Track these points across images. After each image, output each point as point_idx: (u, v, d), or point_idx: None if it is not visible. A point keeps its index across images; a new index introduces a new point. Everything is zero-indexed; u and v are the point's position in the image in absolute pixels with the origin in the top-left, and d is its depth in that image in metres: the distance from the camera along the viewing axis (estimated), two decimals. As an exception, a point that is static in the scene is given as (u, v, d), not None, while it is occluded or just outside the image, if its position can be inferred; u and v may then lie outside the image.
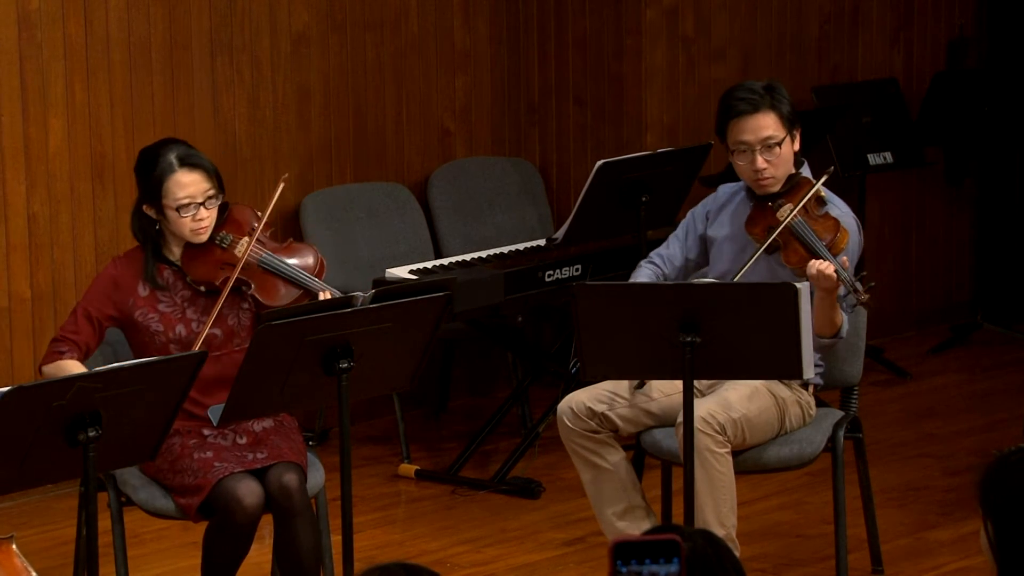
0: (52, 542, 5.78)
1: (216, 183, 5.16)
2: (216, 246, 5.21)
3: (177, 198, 5.12)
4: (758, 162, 5.41)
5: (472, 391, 7.57)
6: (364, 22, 7.36)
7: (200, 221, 5.14)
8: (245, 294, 5.20)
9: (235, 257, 5.18)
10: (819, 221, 5.35)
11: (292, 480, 5.07)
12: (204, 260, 5.20)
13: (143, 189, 5.18)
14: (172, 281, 5.21)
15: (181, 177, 5.12)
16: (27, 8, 6.52)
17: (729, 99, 5.47)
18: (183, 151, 5.16)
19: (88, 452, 4.30)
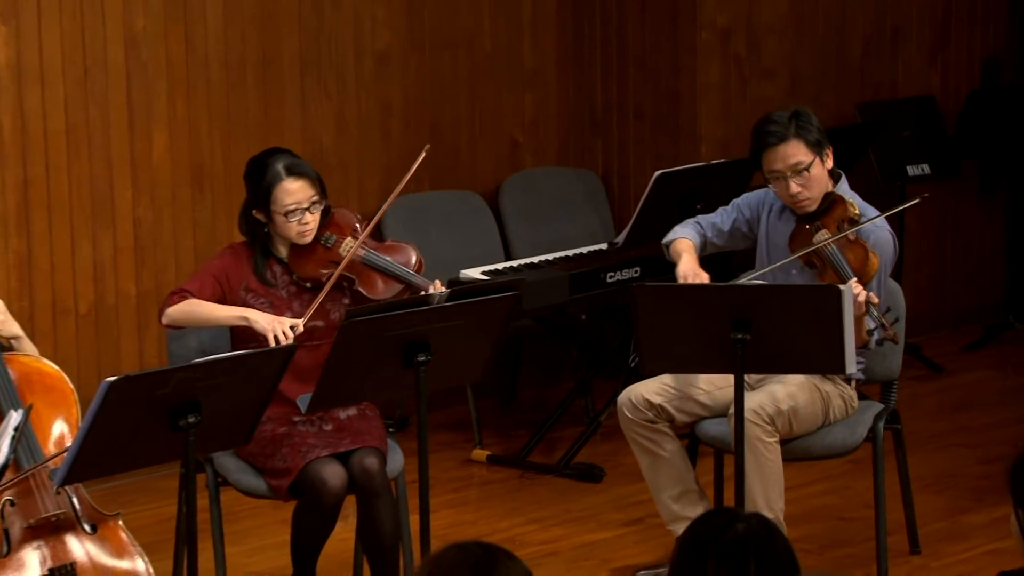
0: (155, 519, 5.81)
1: (319, 189, 5.19)
2: (320, 245, 5.24)
3: (285, 204, 5.15)
4: (792, 188, 5.41)
5: (539, 383, 7.57)
6: (441, 42, 7.37)
7: (305, 224, 5.17)
8: (346, 290, 5.22)
9: (339, 255, 5.21)
10: (851, 248, 5.33)
11: (373, 464, 5.09)
12: (309, 258, 5.23)
13: (253, 195, 5.21)
14: (279, 276, 5.24)
15: (288, 185, 5.14)
16: (133, 29, 6.56)
17: (759, 131, 5.47)
18: (290, 161, 5.19)
19: (188, 437, 4.32)
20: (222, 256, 5.27)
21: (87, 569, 4.61)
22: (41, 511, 4.60)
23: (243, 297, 5.22)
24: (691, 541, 2.98)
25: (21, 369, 4.74)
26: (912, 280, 7.87)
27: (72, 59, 6.44)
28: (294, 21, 6.96)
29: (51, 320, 6.49)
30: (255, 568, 5.69)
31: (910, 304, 5.78)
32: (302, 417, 5.12)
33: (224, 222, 6.74)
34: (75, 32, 6.44)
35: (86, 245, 6.54)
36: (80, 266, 6.54)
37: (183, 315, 5.12)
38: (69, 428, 4.72)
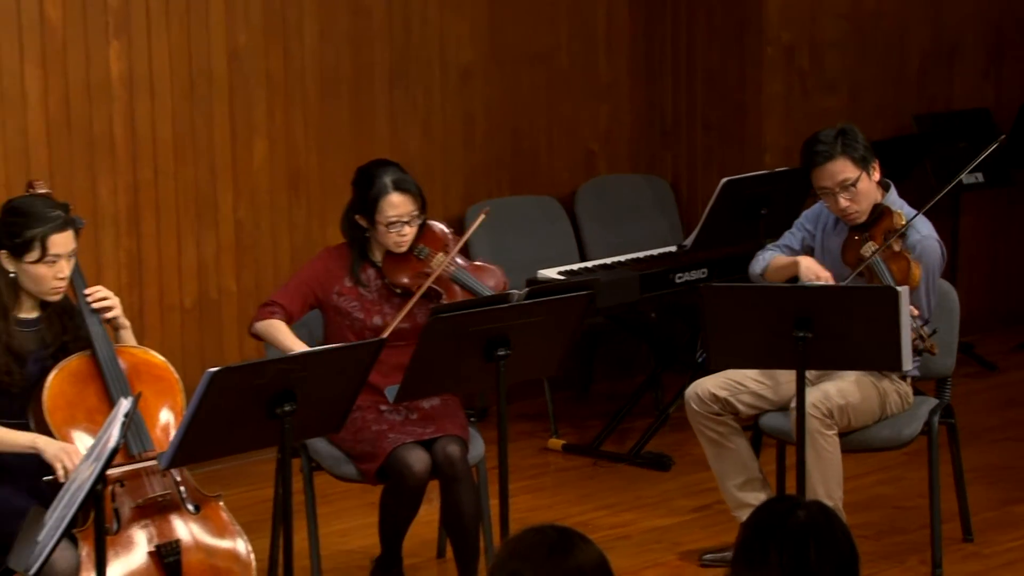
0: (253, 500, 5.84)
1: (420, 205, 5.21)
2: (414, 256, 5.26)
3: (388, 216, 5.17)
4: (841, 202, 5.40)
5: (612, 376, 7.55)
6: (521, 57, 7.37)
7: (403, 236, 5.19)
8: (433, 300, 5.23)
9: (430, 267, 5.23)
10: (895, 259, 5.30)
11: (455, 451, 5.10)
12: (402, 267, 5.25)
13: (359, 202, 5.22)
14: (372, 279, 5.26)
15: (393, 198, 5.16)
16: (236, 45, 6.61)
17: (808, 151, 5.46)
18: (397, 176, 5.20)
19: (284, 424, 4.33)
20: (318, 259, 5.29)
21: (191, 547, 4.63)
22: (148, 492, 4.62)
23: (335, 300, 5.24)
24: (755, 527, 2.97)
25: (131, 360, 4.78)
26: (966, 281, 7.79)
27: (179, 72, 6.49)
28: (385, 38, 6.99)
29: (158, 315, 6.54)
30: (346, 547, 5.71)
31: (964, 304, 5.73)
32: (390, 407, 5.14)
33: (318, 223, 6.77)
34: (182, 47, 6.49)
35: (191, 245, 6.59)
36: (185, 264, 6.59)
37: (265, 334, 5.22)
38: (174, 415, 4.74)
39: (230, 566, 4.67)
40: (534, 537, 2.83)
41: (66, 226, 4.62)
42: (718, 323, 5.05)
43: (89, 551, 4.40)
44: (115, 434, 3.87)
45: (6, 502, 4.52)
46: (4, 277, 4.62)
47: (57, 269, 4.61)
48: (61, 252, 4.61)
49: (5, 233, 4.61)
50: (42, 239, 4.58)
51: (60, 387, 4.62)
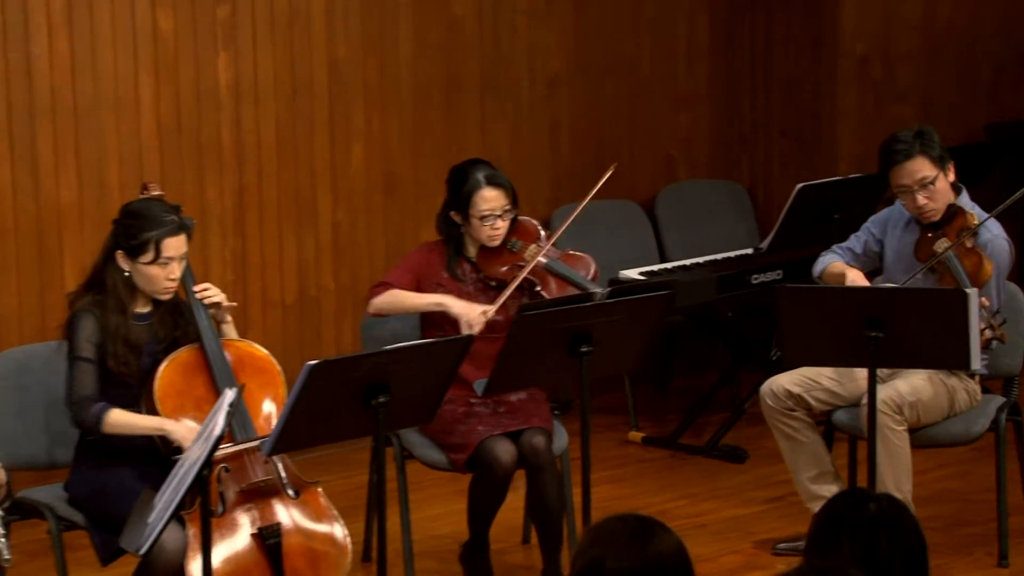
0: (349, 487, 5.86)
1: (512, 199, 5.22)
2: (507, 249, 5.27)
3: (481, 210, 5.18)
4: (918, 200, 5.34)
5: (690, 373, 7.53)
6: (605, 67, 7.36)
7: (497, 229, 5.20)
8: (526, 291, 5.24)
9: (523, 259, 5.24)
10: (968, 255, 5.25)
11: (540, 442, 5.10)
12: (496, 259, 5.26)
13: (453, 199, 5.24)
14: (468, 272, 5.28)
15: (486, 192, 5.18)
16: (335, 56, 6.65)
17: (886, 150, 5.40)
18: (489, 172, 5.22)
19: (379, 415, 4.35)
20: (419, 251, 5.32)
21: (291, 530, 4.66)
22: (251, 477, 4.66)
23: (435, 291, 5.25)
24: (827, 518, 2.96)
25: (236, 353, 4.82)
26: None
27: (282, 81, 6.54)
28: (476, 49, 7.00)
29: (261, 310, 6.59)
30: (435, 532, 5.73)
31: (1031, 306, 5.67)
32: (479, 400, 5.14)
33: (411, 224, 6.79)
34: (285, 58, 6.54)
35: (292, 244, 6.63)
36: (286, 263, 6.64)
37: (386, 304, 5.19)
38: (276, 405, 4.78)
39: (327, 549, 4.71)
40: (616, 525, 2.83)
41: (179, 230, 4.67)
42: (793, 322, 5.02)
43: (196, 532, 4.44)
44: (220, 422, 3.90)
45: (119, 485, 4.57)
46: (120, 275, 4.68)
47: (169, 270, 4.66)
48: (173, 255, 4.66)
49: (122, 234, 4.67)
50: (156, 242, 4.63)
51: (170, 378, 4.67)
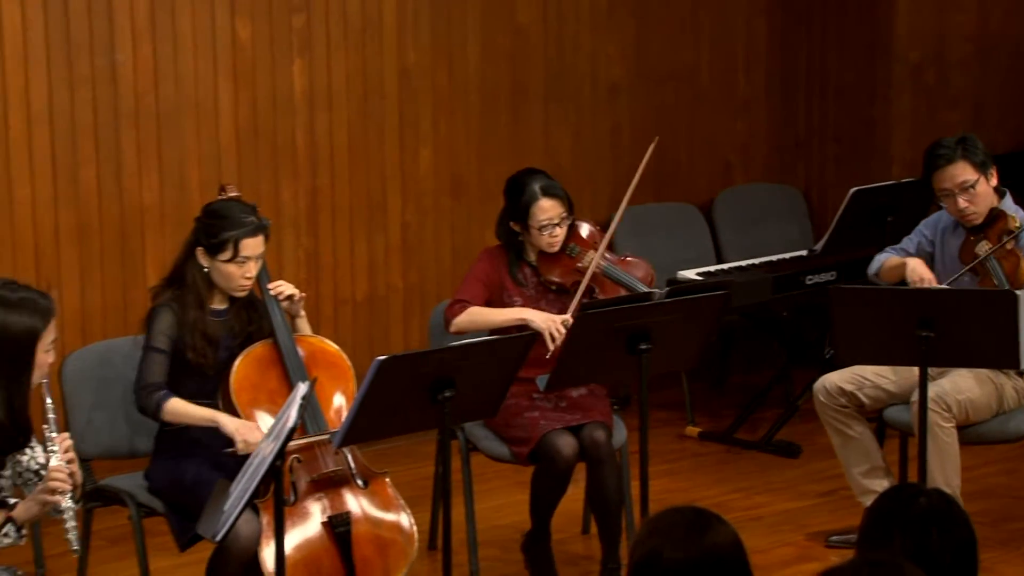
0: (415, 477, 5.87)
1: (568, 207, 5.21)
2: (566, 255, 5.26)
3: (539, 220, 5.17)
4: (960, 203, 5.32)
5: (745, 370, 7.49)
6: (665, 75, 7.34)
7: (555, 237, 5.20)
8: (585, 295, 5.23)
9: (582, 264, 5.23)
10: (1007, 257, 5.21)
11: (600, 436, 5.10)
12: (556, 265, 5.26)
13: (511, 209, 5.23)
14: (528, 277, 5.28)
15: (543, 203, 5.17)
16: (405, 62, 6.66)
17: (930, 155, 5.40)
18: (546, 182, 5.20)
19: (445, 408, 4.36)
20: (482, 260, 5.31)
21: (360, 519, 4.68)
22: (322, 468, 4.68)
23: (502, 296, 5.24)
24: (879, 512, 2.94)
25: (308, 348, 4.85)
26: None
27: (354, 87, 6.56)
28: (540, 56, 7.00)
29: (333, 307, 6.62)
30: (499, 522, 5.73)
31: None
32: (541, 395, 5.14)
33: (478, 226, 6.80)
34: (358, 64, 6.56)
35: (362, 244, 6.66)
36: (357, 262, 6.66)
37: (467, 323, 5.16)
38: (346, 398, 4.80)
39: (395, 537, 4.72)
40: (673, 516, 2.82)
41: (258, 231, 4.70)
42: (846, 322, 4.99)
43: (269, 520, 4.47)
44: (293, 415, 3.92)
45: (196, 474, 4.60)
46: (200, 271, 4.71)
47: (245, 269, 4.69)
48: (251, 254, 4.69)
49: (203, 232, 4.70)
50: (235, 241, 4.66)
51: (245, 371, 4.70)
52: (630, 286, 5.22)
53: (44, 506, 3.63)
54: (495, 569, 5.38)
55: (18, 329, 3.71)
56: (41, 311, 3.76)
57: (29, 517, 3.64)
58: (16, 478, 3.83)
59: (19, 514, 3.64)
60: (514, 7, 6.91)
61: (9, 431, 3.71)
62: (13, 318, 3.71)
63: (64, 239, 6.03)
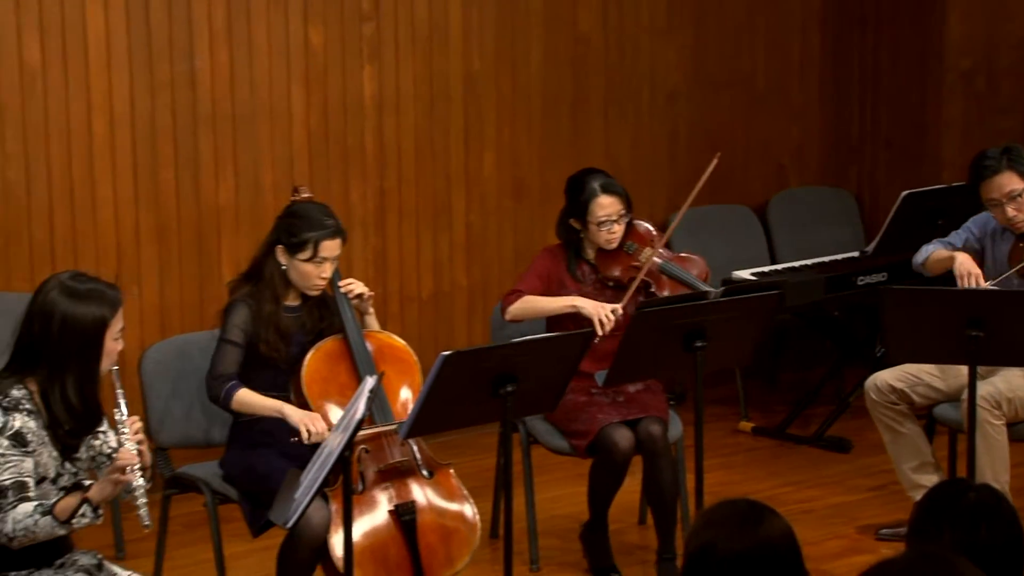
0: (477, 469, 5.87)
1: (626, 204, 5.20)
2: (624, 251, 5.25)
3: (598, 216, 5.17)
4: (1008, 212, 5.29)
5: (797, 367, 7.45)
6: (721, 82, 7.31)
7: (613, 233, 5.19)
8: (642, 291, 5.22)
9: (639, 261, 5.22)
10: None
11: (657, 430, 5.08)
12: (614, 261, 5.25)
13: (571, 207, 5.22)
14: (587, 274, 5.27)
15: (602, 200, 5.16)
16: (471, 69, 6.67)
17: (976, 166, 5.36)
18: (604, 180, 5.20)
19: (507, 402, 4.35)
20: (543, 257, 5.31)
21: (425, 508, 4.69)
22: (389, 458, 4.69)
23: (561, 292, 5.25)
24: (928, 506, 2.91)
25: (376, 343, 4.86)
26: None
27: (422, 92, 6.57)
28: (601, 63, 6.99)
29: (399, 304, 6.63)
30: (558, 512, 5.73)
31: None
32: (599, 390, 5.13)
33: (539, 227, 6.79)
34: (425, 71, 6.57)
35: (428, 244, 6.67)
36: (423, 261, 6.67)
37: (521, 310, 5.18)
38: (412, 392, 4.81)
39: (458, 526, 4.72)
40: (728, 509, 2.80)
41: (337, 234, 4.72)
42: (896, 322, 4.94)
43: (338, 508, 4.48)
44: (361, 407, 3.93)
45: (268, 463, 4.63)
46: (277, 268, 4.74)
47: (321, 269, 4.72)
48: (328, 255, 4.71)
49: (285, 231, 4.73)
50: (315, 242, 4.69)
51: (316, 365, 4.72)
52: (686, 282, 5.20)
53: (115, 485, 3.67)
54: (554, 558, 5.37)
55: (87, 319, 3.75)
56: (109, 301, 3.80)
57: (103, 497, 3.68)
58: (90, 462, 3.87)
59: (93, 494, 3.68)
60: (576, 16, 6.90)
61: (81, 416, 3.76)
62: (82, 309, 3.75)
63: (144, 238, 6.08)
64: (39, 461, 3.74)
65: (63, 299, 3.75)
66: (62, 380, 3.73)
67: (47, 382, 3.74)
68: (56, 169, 5.90)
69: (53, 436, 3.75)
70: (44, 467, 3.75)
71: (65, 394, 3.73)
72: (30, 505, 3.66)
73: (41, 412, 3.74)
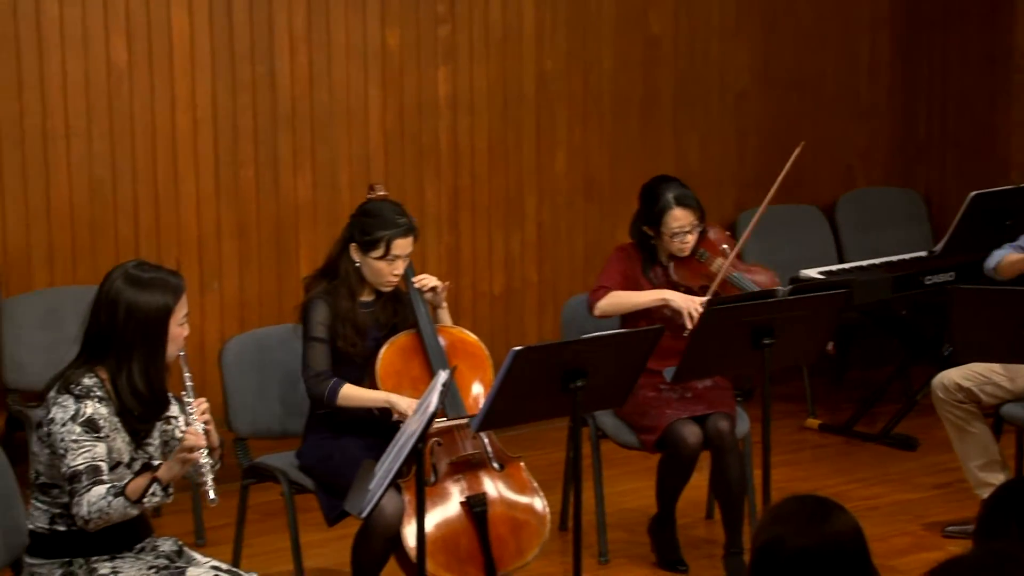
0: (547, 462, 5.87)
1: (699, 215, 5.17)
2: (696, 259, 5.24)
3: (671, 228, 5.15)
4: None
5: (864, 365, 7.39)
6: (791, 82, 7.27)
7: (686, 243, 5.17)
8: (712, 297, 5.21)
9: (710, 270, 5.20)
10: None
11: (724, 426, 5.07)
12: (687, 268, 5.23)
13: (645, 215, 5.20)
14: (660, 277, 5.25)
15: (676, 212, 5.14)
16: (543, 69, 6.67)
17: None
18: (679, 192, 5.16)
19: (576, 397, 4.34)
20: (618, 256, 5.29)
21: (495, 500, 4.70)
22: (461, 451, 4.70)
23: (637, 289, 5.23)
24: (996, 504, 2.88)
25: (449, 338, 4.88)
26: None
27: (495, 93, 6.59)
28: (671, 64, 6.97)
29: (472, 300, 6.65)
30: (626, 506, 5.72)
31: None
32: (667, 386, 5.12)
33: (609, 225, 6.79)
34: (498, 72, 6.59)
35: (500, 241, 6.68)
36: (495, 258, 6.69)
37: (610, 305, 5.16)
38: (484, 386, 4.81)
39: (528, 518, 4.73)
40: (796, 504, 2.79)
41: (408, 232, 4.74)
42: (964, 321, 4.90)
43: (411, 499, 4.50)
44: (434, 400, 3.95)
45: (345, 454, 4.65)
46: (352, 265, 4.77)
47: (394, 267, 4.74)
48: (400, 253, 4.73)
49: (358, 229, 4.76)
50: (388, 240, 4.71)
51: (390, 359, 4.74)
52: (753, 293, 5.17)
53: (183, 464, 3.71)
54: (622, 551, 5.37)
55: (151, 307, 3.79)
56: (172, 288, 3.84)
57: (171, 476, 3.73)
58: (163, 446, 3.91)
59: (162, 474, 3.73)
60: (647, 18, 6.89)
61: (149, 401, 3.81)
62: (145, 297, 3.79)
63: (225, 233, 6.14)
64: (113, 447, 3.79)
65: (127, 288, 3.80)
66: (129, 367, 3.78)
67: (115, 370, 3.79)
68: (141, 167, 5.97)
69: (124, 422, 3.81)
70: (118, 452, 3.80)
71: (132, 381, 3.78)
72: (103, 488, 3.71)
73: (112, 399, 3.79)
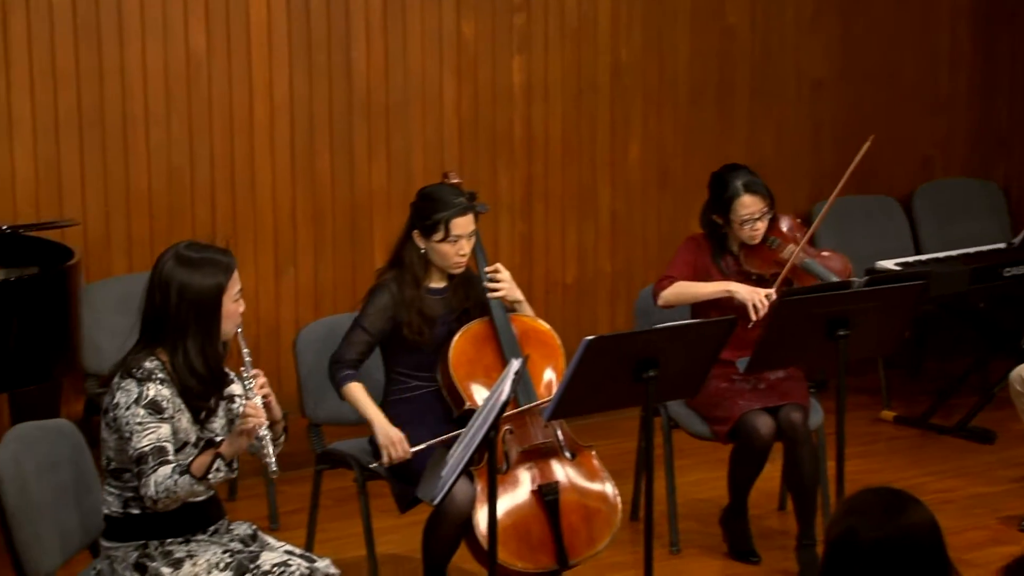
0: (619, 451, 5.84)
1: (769, 202, 5.10)
2: (767, 247, 5.17)
3: (740, 215, 5.09)
4: None
5: (941, 358, 7.27)
6: (867, 73, 7.16)
7: (756, 230, 5.10)
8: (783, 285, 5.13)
9: (781, 257, 5.13)
10: None
11: (798, 417, 5.00)
12: (757, 256, 5.16)
13: (715, 203, 5.14)
14: (730, 266, 5.19)
15: (745, 199, 5.08)
16: (618, 59, 6.62)
17: None
18: (748, 179, 5.10)
19: (649, 387, 4.30)
20: (688, 246, 5.24)
21: (567, 488, 4.67)
22: (533, 439, 4.68)
23: (704, 280, 5.17)
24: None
25: (522, 327, 4.84)
26: None
27: (569, 82, 6.54)
28: (747, 54, 6.89)
29: (544, 289, 6.62)
30: (698, 496, 5.67)
31: None
32: (740, 376, 5.06)
33: (683, 215, 6.72)
34: (573, 61, 6.54)
35: (573, 230, 6.64)
36: (568, 247, 6.65)
37: (675, 295, 5.12)
38: (556, 375, 4.79)
39: (599, 507, 4.70)
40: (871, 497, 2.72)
41: (466, 211, 4.70)
42: (1044, 314, 4.78)
43: (483, 487, 4.48)
44: (506, 389, 3.92)
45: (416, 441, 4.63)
46: (417, 252, 4.74)
47: (459, 247, 4.70)
48: (461, 233, 4.69)
49: (417, 216, 4.73)
50: (446, 222, 4.68)
51: (463, 347, 4.72)
52: (826, 279, 5.09)
53: (244, 437, 3.70)
54: (694, 541, 5.31)
55: (203, 286, 3.79)
56: (223, 267, 3.84)
57: (234, 451, 3.73)
58: (228, 425, 3.90)
59: (225, 450, 3.73)
60: (723, 8, 6.81)
61: (206, 379, 3.81)
62: (197, 277, 3.79)
63: (300, 220, 6.15)
64: (178, 427, 3.79)
65: (179, 269, 3.80)
66: (185, 347, 3.78)
67: (172, 351, 3.79)
68: (218, 153, 5.98)
69: (187, 402, 3.80)
70: (184, 432, 3.81)
71: (189, 360, 3.78)
72: (169, 467, 3.72)
73: (173, 380, 3.79)
